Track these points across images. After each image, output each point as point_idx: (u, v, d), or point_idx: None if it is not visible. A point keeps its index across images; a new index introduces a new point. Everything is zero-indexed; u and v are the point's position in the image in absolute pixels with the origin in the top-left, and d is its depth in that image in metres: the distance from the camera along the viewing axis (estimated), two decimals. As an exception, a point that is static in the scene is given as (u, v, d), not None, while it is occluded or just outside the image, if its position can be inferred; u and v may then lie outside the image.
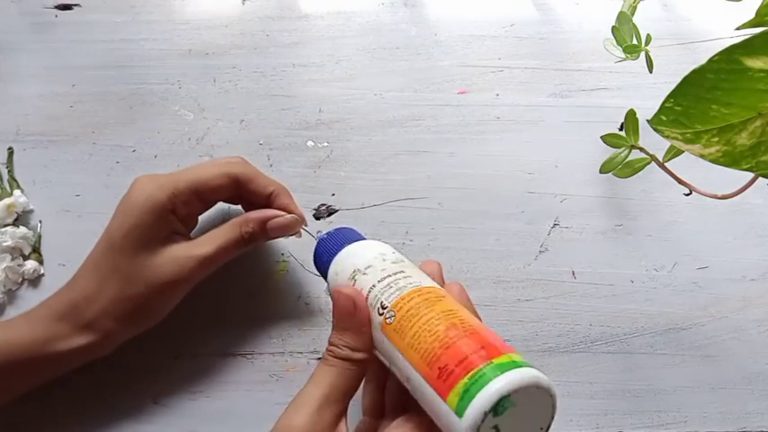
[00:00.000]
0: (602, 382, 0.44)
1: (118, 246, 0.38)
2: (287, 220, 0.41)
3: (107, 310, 0.38)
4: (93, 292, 0.38)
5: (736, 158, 0.30)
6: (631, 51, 0.43)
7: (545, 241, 0.47)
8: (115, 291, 0.38)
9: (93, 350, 0.38)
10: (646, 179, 0.47)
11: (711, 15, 0.54)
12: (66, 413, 0.42)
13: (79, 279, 0.39)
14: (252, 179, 0.41)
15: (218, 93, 0.51)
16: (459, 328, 0.29)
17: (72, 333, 0.38)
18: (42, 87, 0.51)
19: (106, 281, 0.38)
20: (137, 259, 0.38)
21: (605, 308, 0.46)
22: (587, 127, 0.50)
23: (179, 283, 0.39)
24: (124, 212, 0.39)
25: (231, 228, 0.40)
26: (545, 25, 0.54)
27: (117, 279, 0.38)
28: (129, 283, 0.38)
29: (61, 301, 0.38)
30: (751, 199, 0.48)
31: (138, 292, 0.38)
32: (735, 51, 0.27)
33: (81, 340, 0.38)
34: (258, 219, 0.41)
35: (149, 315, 0.39)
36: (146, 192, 0.39)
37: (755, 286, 0.46)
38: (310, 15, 0.55)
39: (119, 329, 0.38)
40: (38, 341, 0.37)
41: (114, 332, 0.38)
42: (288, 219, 0.41)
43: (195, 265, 0.39)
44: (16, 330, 0.37)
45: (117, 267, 0.38)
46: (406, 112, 0.51)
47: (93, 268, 0.39)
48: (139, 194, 0.39)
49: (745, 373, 0.44)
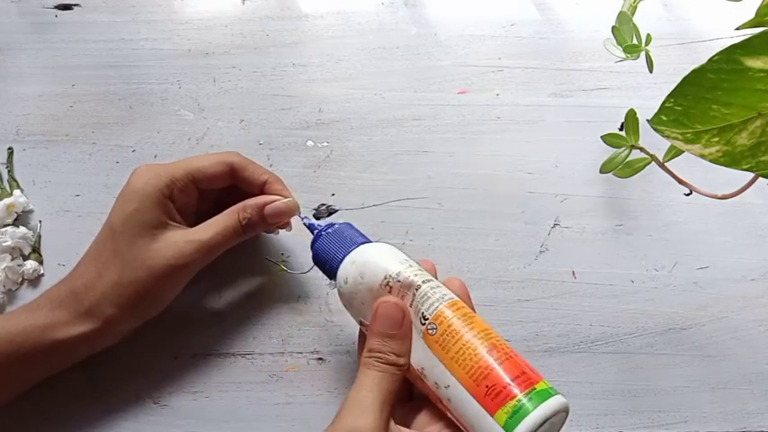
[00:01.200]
0: (602, 382, 0.44)
1: (118, 231, 0.38)
2: (284, 204, 0.41)
3: (107, 296, 0.38)
4: (93, 279, 0.38)
5: (736, 158, 0.30)
6: (631, 51, 0.43)
7: (545, 241, 0.47)
8: (115, 276, 0.38)
9: (94, 339, 0.38)
10: (646, 179, 0.47)
11: (711, 15, 0.54)
12: (66, 413, 0.41)
13: (80, 267, 0.40)
14: (246, 167, 0.42)
15: (217, 92, 0.51)
16: (501, 351, 0.33)
17: (71, 320, 0.38)
18: (42, 87, 0.51)
19: (106, 267, 0.38)
20: (136, 244, 0.38)
21: (605, 308, 0.46)
22: (587, 127, 0.50)
23: (178, 269, 0.39)
24: (123, 199, 0.39)
25: (229, 215, 0.41)
26: (545, 25, 0.54)
27: (117, 264, 0.38)
28: (129, 269, 0.38)
29: (61, 290, 0.39)
30: (751, 199, 0.48)
31: (138, 277, 0.38)
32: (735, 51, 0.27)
33: (81, 328, 0.38)
34: (255, 204, 0.41)
35: (150, 302, 0.39)
36: (144, 178, 0.39)
37: (756, 286, 0.46)
38: (310, 15, 0.55)
39: (119, 316, 0.38)
40: (37, 329, 0.37)
41: (115, 319, 0.38)
42: (284, 203, 0.42)
43: (194, 251, 0.39)
44: (14, 320, 0.37)
45: (117, 253, 0.38)
46: (407, 112, 0.51)
47: (94, 256, 0.39)
48: (138, 181, 0.39)
49: (745, 372, 0.44)
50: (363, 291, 0.36)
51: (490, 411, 0.32)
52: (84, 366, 0.40)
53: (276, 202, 0.41)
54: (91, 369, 0.41)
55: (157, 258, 0.38)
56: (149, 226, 0.39)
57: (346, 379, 0.43)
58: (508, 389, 0.32)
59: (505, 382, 0.32)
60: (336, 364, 0.44)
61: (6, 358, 0.36)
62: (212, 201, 0.44)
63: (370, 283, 0.36)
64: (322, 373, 0.43)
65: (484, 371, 0.32)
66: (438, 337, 0.34)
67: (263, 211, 0.41)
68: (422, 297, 0.35)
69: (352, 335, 0.44)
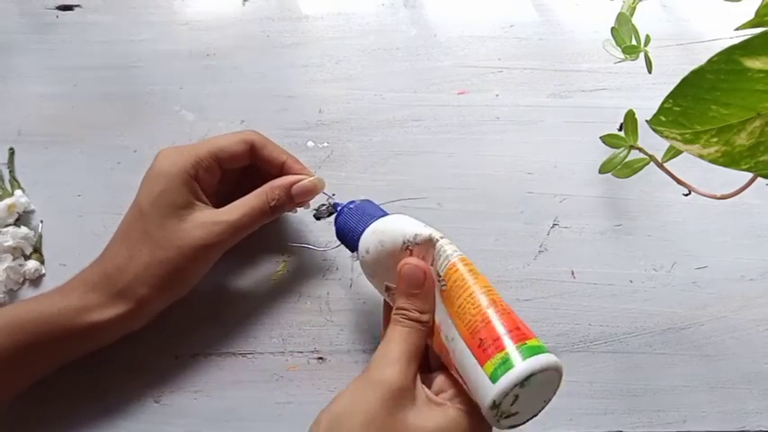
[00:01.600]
0: (601, 382, 0.44)
1: (147, 213, 0.39)
2: (311, 182, 0.42)
3: (139, 277, 0.38)
4: (125, 261, 0.39)
5: (735, 159, 0.30)
6: (630, 52, 0.43)
7: (544, 241, 0.47)
8: (146, 257, 0.38)
9: (128, 320, 0.39)
10: (645, 179, 0.47)
11: (710, 16, 0.55)
12: (66, 412, 0.42)
13: (110, 250, 0.40)
14: (265, 146, 0.43)
15: (218, 93, 0.51)
16: (498, 306, 0.34)
17: (106, 302, 0.38)
18: (44, 88, 0.51)
19: (137, 248, 0.39)
20: (165, 225, 0.39)
21: (604, 307, 0.46)
22: (587, 127, 0.50)
23: (208, 248, 0.39)
24: (150, 180, 0.40)
25: (257, 196, 0.41)
26: (544, 26, 0.55)
27: (147, 245, 0.38)
28: (160, 249, 0.38)
29: (93, 273, 0.39)
30: (750, 199, 0.48)
31: (169, 257, 0.38)
32: (734, 52, 0.27)
33: (116, 310, 0.38)
34: (282, 185, 0.42)
35: (181, 280, 0.40)
36: (170, 159, 0.40)
37: (754, 286, 0.46)
38: (311, 16, 0.55)
39: (153, 296, 0.39)
40: (71, 311, 0.37)
41: (148, 299, 0.39)
42: (311, 181, 0.42)
43: (222, 230, 0.40)
44: (49, 302, 0.38)
45: (146, 234, 0.39)
46: (406, 113, 0.51)
47: (123, 238, 0.40)
48: (164, 162, 0.40)
49: (743, 372, 0.44)
50: (385, 257, 0.37)
51: (480, 362, 0.32)
52: (85, 366, 0.40)
53: (303, 182, 0.42)
54: (92, 369, 0.42)
55: (187, 239, 0.39)
56: (177, 206, 0.39)
57: (347, 378, 0.43)
58: (499, 341, 0.32)
59: (497, 335, 0.33)
60: (337, 363, 0.44)
61: (40, 338, 0.37)
62: (233, 181, 0.44)
63: (391, 248, 0.37)
64: (322, 372, 0.44)
65: (480, 324, 0.33)
66: (447, 292, 0.36)
67: (291, 191, 0.42)
68: (437, 255, 0.37)
69: (353, 335, 0.44)
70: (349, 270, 0.46)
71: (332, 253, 0.46)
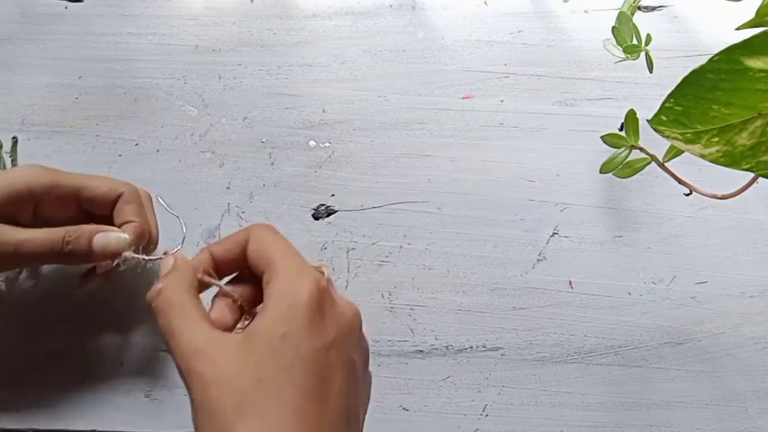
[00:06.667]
0: (594, 394, 0.44)
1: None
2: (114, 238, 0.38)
3: None
4: None
5: (737, 158, 0.30)
6: (631, 51, 0.42)
7: (543, 250, 0.47)
8: None
9: None
10: (648, 191, 0.47)
11: (722, 27, 0.54)
12: (57, 405, 0.42)
13: None
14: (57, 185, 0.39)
15: (222, 89, 0.51)
16: None
17: None
18: (49, 78, 0.51)
19: None
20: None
21: (601, 319, 0.45)
22: (591, 136, 0.50)
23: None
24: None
25: (57, 231, 0.38)
26: (552, 33, 0.54)
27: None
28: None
29: None
30: (753, 214, 0.47)
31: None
32: (735, 51, 0.27)
33: None
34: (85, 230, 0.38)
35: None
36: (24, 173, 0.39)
37: (754, 303, 0.46)
38: (318, 15, 0.55)
39: None
40: None
41: None
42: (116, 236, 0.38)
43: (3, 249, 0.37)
44: None
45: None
46: (410, 115, 0.51)
47: None
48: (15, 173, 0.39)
49: (739, 390, 0.44)
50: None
51: None
52: (75, 357, 0.40)
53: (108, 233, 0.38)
54: (84, 363, 0.42)
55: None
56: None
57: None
58: None
59: None
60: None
61: None
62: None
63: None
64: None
65: None
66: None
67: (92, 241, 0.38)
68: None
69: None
70: (345, 272, 0.46)
71: (328, 254, 0.46)
